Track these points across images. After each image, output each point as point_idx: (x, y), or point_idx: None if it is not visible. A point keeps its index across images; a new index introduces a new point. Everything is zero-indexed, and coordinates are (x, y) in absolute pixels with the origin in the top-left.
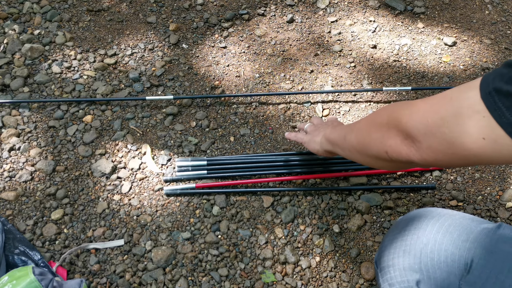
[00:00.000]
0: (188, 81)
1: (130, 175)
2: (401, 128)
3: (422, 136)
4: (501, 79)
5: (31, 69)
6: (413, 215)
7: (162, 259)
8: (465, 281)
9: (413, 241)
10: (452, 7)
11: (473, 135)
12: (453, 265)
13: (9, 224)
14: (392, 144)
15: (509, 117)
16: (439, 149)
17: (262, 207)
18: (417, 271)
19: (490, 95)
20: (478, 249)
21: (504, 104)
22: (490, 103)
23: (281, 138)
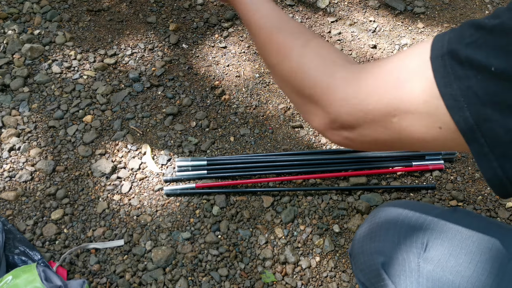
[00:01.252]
0: (188, 81)
1: (130, 175)
2: (329, 112)
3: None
4: (460, 41)
5: (31, 69)
6: (379, 207)
7: (162, 259)
8: (423, 259)
9: (378, 228)
10: (452, 7)
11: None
12: (411, 245)
13: (9, 224)
14: (313, 118)
15: (455, 89)
16: (374, 136)
17: (262, 207)
18: (382, 254)
19: (442, 59)
20: (433, 230)
21: (455, 73)
22: (438, 66)
23: (281, 138)
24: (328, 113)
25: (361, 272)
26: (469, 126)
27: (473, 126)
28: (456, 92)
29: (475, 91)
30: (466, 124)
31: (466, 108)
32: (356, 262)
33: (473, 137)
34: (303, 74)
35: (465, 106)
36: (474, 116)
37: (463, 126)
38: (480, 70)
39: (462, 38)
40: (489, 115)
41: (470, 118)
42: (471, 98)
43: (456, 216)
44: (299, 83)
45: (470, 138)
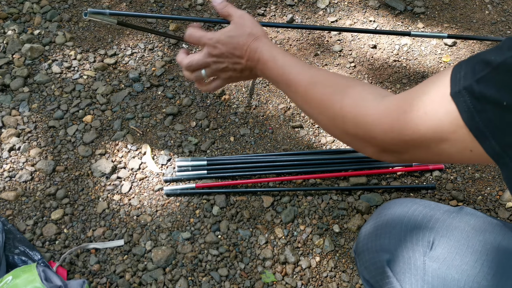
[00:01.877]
0: (188, 81)
1: (130, 175)
2: (375, 144)
3: (403, 150)
4: (472, 77)
5: (31, 69)
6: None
7: (162, 259)
8: (429, 257)
9: (383, 225)
10: (452, 7)
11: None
12: (417, 243)
13: (9, 224)
14: (366, 150)
15: (478, 121)
16: (423, 156)
17: (262, 207)
18: (387, 252)
19: (460, 94)
20: (439, 228)
21: (475, 107)
22: (459, 102)
23: (281, 138)
24: (374, 146)
25: (366, 270)
26: (496, 152)
27: (500, 152)
28: (480, 124)
29: (495, 122)
30: (493, 151)
31: (491, 137)
32: (361, 259)
33: (502, 162)
34: (342, 118)
35: (490, 136)
36: (499, 143)
37: (492, 152)
38: (494, 104)
39: (474, 73)
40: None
41: (496, 146)
42: (493, 129)
43: (462, 214)
44: (342, 127)
45: (499, 162)
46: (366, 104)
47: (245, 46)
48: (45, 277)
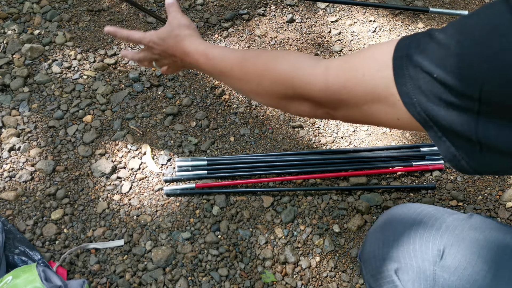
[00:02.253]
0: (188, 81)
1: (130, 175)
2: (310, 100)
3: (337, 108)
4: (416, 47)
5: (31, 69)
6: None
7: (162, 259)
8: (439, 267)
9: (390, 233)
10: (452, 7)
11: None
12: (427, 252)
13: (9, 224)
14: (299, 109)
15: (409, 88)
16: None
17: (262, 207)
18: (395, 260)
19: (401, 60)
20: (450, 237)
21: (409, 74)
22: (397, 67)
23: (281, 138)
24: (312, 101)
25: (372, 278)
26: (422, 118)
27: (425, 118)
28: (409, 90)
29: (423, 90)
30: (420, 116)
31: (417, 104)
32: (366, 266)
33: (427, 125)
34: (283, 80)
35: (417, 102)
36: (424, 110)
37: (418, 118)
38: (426, 74)
39: (419, 44)
40: (436, 110)
41: (422, 112)
42: (421, 96)
43: (472, 222)
44: (282, 89)
45: (425, 126)
46: (304, 65)
47: (174, 48)
48: (45, 277)
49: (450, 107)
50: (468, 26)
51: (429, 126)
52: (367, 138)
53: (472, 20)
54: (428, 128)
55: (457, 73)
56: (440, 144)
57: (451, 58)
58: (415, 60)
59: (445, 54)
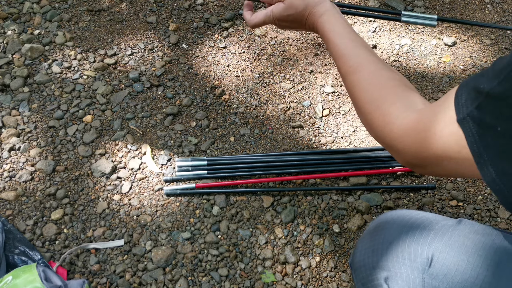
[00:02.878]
0: (188, 81)
1: (130, 175)
2: (400, 157)
3: (424, 165)
4: (472, 104)
5: (31, 69)
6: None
7: (162, 259)
8: (428, 274)
9: (380, 241)
10: (452, 7)
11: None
12: (415, 260)
13: (9, 224)
14: (397, 160)
15: (480, 147)
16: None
17: (262, 207)
18: (385, 268)
19: (466, 121)
20: (438, 244)
21: (478, 133)
22: (465, 129)
23: (281, 138)
24: (400, 158)
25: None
26: (492, 179)
27: (495, 179)
28: (480, 151)
29: (492, 147)
30: (489, 177)
31: (488, 163)
32: (357, 275)
33: (497, 189)
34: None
35: (488, 162)
36: (495, 170)
37: (488, 179)
38: (491, 130)
39: (472, 100)
40: (506, 169)
41: (492, 173)
42: (490, 154)
43: (461, 228)
44: (373, 134)
45: (494, 189)
46: (392, 119)
47: (304, 19)
48: (45, 277)
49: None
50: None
51: (498, 189)
52: (367, 138)
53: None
54: (497, 191)
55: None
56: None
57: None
58: (476, 118)
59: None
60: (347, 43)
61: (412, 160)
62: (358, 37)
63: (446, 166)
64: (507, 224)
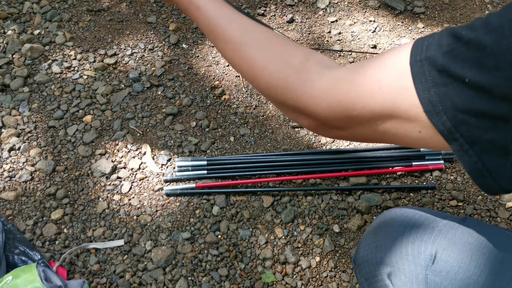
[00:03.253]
0: (188, 81)
1: (130, 175)
2: (316, 118)
3: (345, 126)
4: (438, 49)
5: (31, 69)
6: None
7: (162, 259)
8: (431, 271)
9: (384, 237)
10: (452, 7)
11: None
12: (419, 256)
13: (9, 224)
14: (298, 121)
15: (433, 95)
16: (364, 134)
17: (262, 207)
18: (388, 264)
19: (421, 64)
20: (442, 241)
21: (433, 79)
22: (417, 72)
23: (281, 138)
24: (316, 119)
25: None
26: (447, 128)
27: (451, 128)
28: (434, 98)
29: (451, 98)
30: (444, 126)
31: (443, 112)
32: (360, 270)
33: (452, 137)
34: (282, 89)
35: (442, 111)
36: (451, 119)
37: (442, 128)
38: (455, 80)
39: (440, 46)
40: (466, 119)
41: (447, 122)
42: (447, 104)
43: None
44: (280, 97)
45: (449, 138)
46: (311, 75)
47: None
48: (45, 277)
49: (483, 116)
50: (506, 21)
51: (454, 139)
52: None
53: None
54: (452, 140)
55: (499, 75)
56: (464, 158)
57: (489, 58)
58: (439, 64)
59: (480, 54)
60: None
61: (331, 121)
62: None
63: (377, 127)
64: (507, 224)
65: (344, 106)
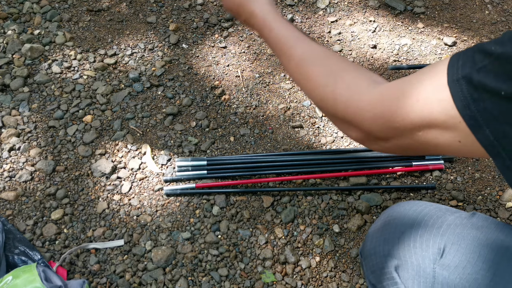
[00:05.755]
0: (188, 81)
1: (130, 175)
2: (362, 129)
3: (389, 137)
4: (472, 67)
5: (31, 69)
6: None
7: (162, 259)
8: (439, 265)
9: (392, 230)
10: (452, 7)
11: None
12: (427, 250)
13: (9, 224)
14: (351, 134)
15: (473, 111)
16: (407, 145)
17: (262, 207)
18: (395, 257)
19: (458, 83)
20: (450, 235)
21: (471, 96)
22: (456, 91)
23: (281, 138)
24: (362, 131)
25: (372, 274)
26: (490, 142)
27: (493, 142)
28: (475, 113)
29: (491, 111)
30: (487, 140)
31: (485, 126)
32: (367, 263)
33: (495, 151)
34: (334, 101)
35: (484, 125)
36: (493, 133)
37: (485, 142)
38: (492, 94)
39: (474, 63)
40: (507, 131)
41: (490, 135)
42: (488, 118)
43: (474, 221)
44: (331, 108)
45: (492, 152)
46: (359, 89)
47: (240, 7)
48: (45, 277)
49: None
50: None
51: (497, 153)
52: None
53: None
54: (496, 155)
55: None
56: (508, 175)
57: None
58: (475, 81)
59: (511, 68)
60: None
61: (375, 132)
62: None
63: (418, 137)
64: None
65: (386, 118)
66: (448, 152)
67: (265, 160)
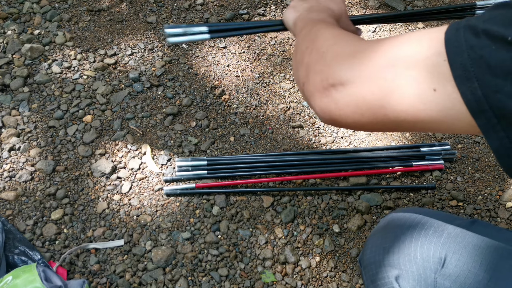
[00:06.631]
0: (188, 81)
1: (130, 175)
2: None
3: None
4: (477, 19)
5: (31, 69)
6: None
7: (162, 259)
8: (440, 275)
9: (392, 239)
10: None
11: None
12: (428, 260)
13: (9, 224)
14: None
15: (465, 58)
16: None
17: (262, 207)
18: (396, 267)
19: (457, 31)
20: (451, 244)
21: (468, 42)
22: (451, 35)
23: (281, 138)
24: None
25: (372, 284)
26: (476, 97)
27: (480, 97)
28: (467, 62)
29: (488, 61)
30: (473, 95)
31: (475, 78)
32: (367, 272)
33: (480, 109)
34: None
35: (475, 76)
36: (483, 86)
37: (470, 97)
38: (496, 40)
39: (481, 17)
40: (500, 86)
41: (478, 89)
42: (482, 68)
43: (474, 229)
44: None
45: (476, 110)
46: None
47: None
48: (45, 277)
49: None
50: None
51: (481, 111)
52: (367, 138)
53: None
54: (479, 113)
55: None
56: (491, 134)
57: None
58: (479, 28)
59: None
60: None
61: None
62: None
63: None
64: (507, 224)
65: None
66: (412, 111)
67: (265, 160)
